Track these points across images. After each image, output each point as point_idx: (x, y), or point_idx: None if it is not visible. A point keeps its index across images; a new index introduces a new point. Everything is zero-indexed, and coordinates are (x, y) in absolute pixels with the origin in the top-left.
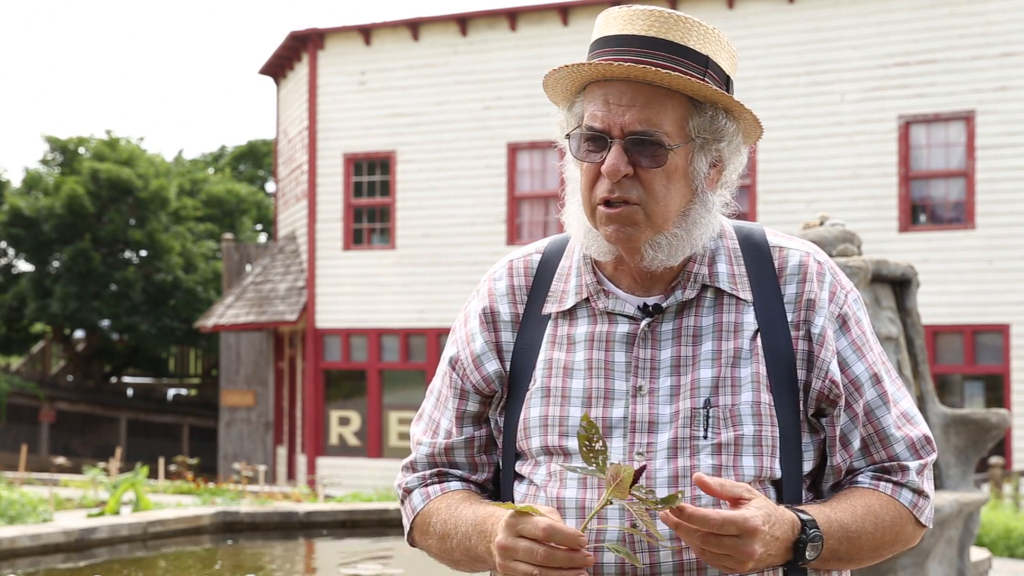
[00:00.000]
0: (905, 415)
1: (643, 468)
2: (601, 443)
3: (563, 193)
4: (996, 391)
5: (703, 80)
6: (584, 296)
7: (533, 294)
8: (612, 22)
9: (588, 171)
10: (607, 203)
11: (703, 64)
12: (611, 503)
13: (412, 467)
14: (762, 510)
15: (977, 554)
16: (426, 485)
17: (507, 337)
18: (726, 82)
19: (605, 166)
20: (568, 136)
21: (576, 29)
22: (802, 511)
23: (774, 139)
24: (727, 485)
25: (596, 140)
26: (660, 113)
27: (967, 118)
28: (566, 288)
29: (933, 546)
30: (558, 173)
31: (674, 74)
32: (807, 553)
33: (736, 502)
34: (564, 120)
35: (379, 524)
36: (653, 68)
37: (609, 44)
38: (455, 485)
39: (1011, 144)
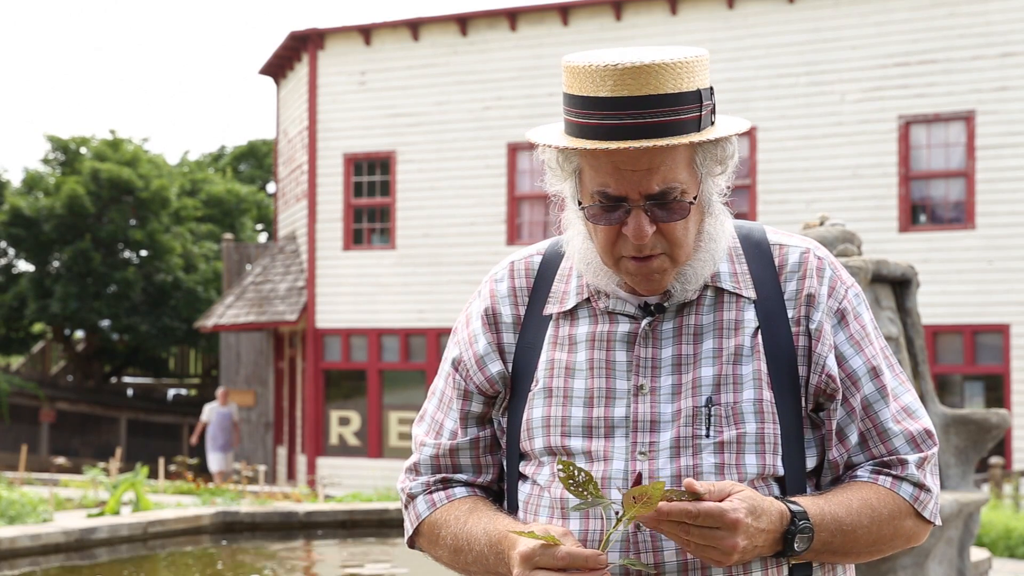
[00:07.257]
0: (906, 409)
1: (639, 475)
2: (583, 474)
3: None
4: (996, 391)
5: (702, 116)
6: (585, 296)
7: (534, 295)
8: (596, 80)
9: (607, 231)
10: (634, 258)
11: (698, 100)
12: (633, 520)
13: (415, 469)
14: (745, 502)
15: (977, 554)
16: (430, 492)
17: (509, 338)
18: (711, 91)
19: (631, 232)
20: (581, 205)
21: (576, 29)
22: (793, 502)
23: (774, 139)
24: (716, 486)
25: (612, 205)
26: (673, 168)
27: (967, 118)
28: (567, 288)
29: (933, 546)
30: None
31: (685, 138)
32: (796, 544)
33: (723, 499)
34: (555, 162)
35: (379, 524)
36: (664, 143)
37: (600, 107)
38: (460, 492)
39: (1011, 144)
